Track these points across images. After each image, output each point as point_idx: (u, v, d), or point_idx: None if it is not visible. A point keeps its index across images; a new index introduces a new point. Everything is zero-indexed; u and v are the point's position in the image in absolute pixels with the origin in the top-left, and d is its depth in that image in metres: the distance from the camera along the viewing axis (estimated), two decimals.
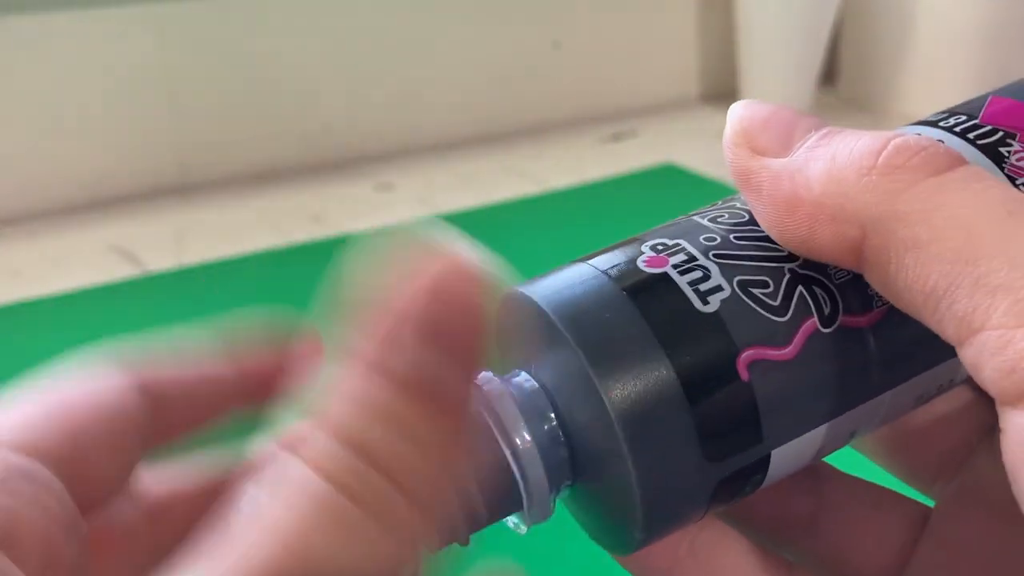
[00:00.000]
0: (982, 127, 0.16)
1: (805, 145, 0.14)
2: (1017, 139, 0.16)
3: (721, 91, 0.94)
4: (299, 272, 0.56)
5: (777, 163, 0.14)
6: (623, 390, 0.14)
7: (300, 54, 0.71)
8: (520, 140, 0.81)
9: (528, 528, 0.16)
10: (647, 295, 0.14)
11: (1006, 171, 0.15)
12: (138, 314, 0.51)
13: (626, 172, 0.72)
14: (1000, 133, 0.16)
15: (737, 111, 0.15)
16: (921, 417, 0.19)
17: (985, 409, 0.18)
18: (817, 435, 0.15)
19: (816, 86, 0.86)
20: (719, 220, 0.16)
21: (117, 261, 0.59)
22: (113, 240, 0.62)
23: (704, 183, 0.70)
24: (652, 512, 0.15)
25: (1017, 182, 0.15)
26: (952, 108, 0.17)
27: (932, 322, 0.13)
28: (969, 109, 0.17)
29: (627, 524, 0.15)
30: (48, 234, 0.63)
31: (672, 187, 0.70)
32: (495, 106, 0.81)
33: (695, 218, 0.16)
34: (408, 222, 0.63)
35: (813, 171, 0.13)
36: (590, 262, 0.15)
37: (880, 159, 0.13)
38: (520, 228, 0.61)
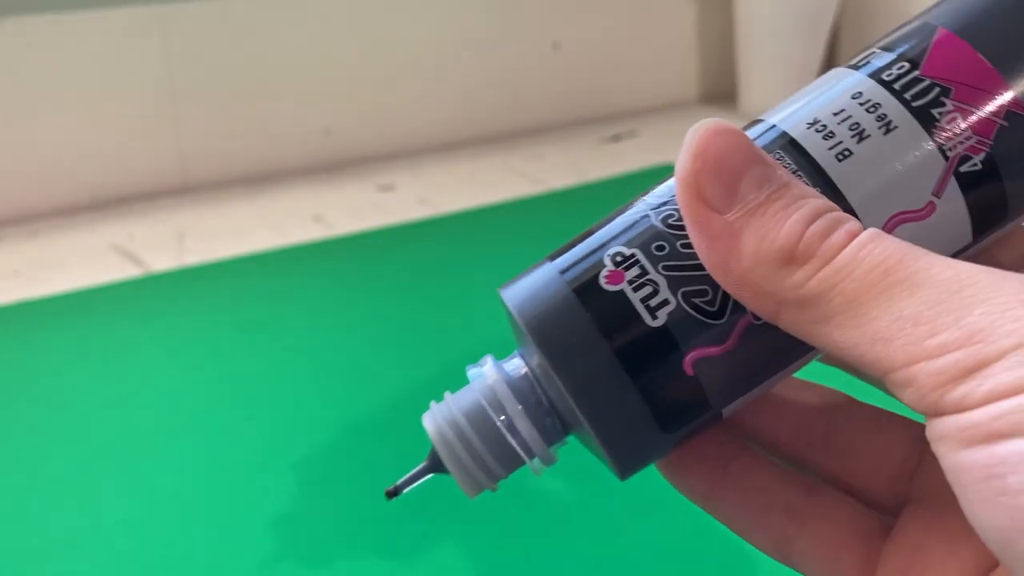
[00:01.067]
0: (921, 82, 0.17)
1: (746, 209, 0.16)
2: (952, 95, 0.17)
3: (720, 92, 0.94)
4: (300, 272, 0.56)
5: (717, 223, 0.16)
6: (588, 393, 0.17)
7: (302, 56, 0.71)
8: (520, 141, 0.81)
9: (542, 471, 0.20)
10: (607, 314, 0.17)
11: (935, 138, 0.17)
12: (140, 314, 0.51)
13: (625, 172, 0.72)
14: (936, 90, 0.17)
15: (693, 145, 0.16)
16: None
17: None
18: (760, 390, 0.18)
19: None
20: (670, 220, 0.18)
21: (119, 261, 0.59)
22: (115, 240, 0.62)
23: None
24: (624, 467, 0.18)
25: (946, 149, 0.17)
26: (903, 32, 0.19)
27: (851, 368, 0.16)
28: (914, 50, 0.18)
29: (607, 462, 0.18)
30: (50, 234, 0.63)
31: None
32: (495, 107, 0.81)
33: (651, 215, 0.18)
34: (409, 222, 0.63)
35: (745, 245, 0.16)
36: (560, 270, 0.18)
37: (798, 250, 0.15)
38: (520, 228, 0.62)
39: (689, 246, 0.17)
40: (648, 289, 0.17)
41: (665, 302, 0.17)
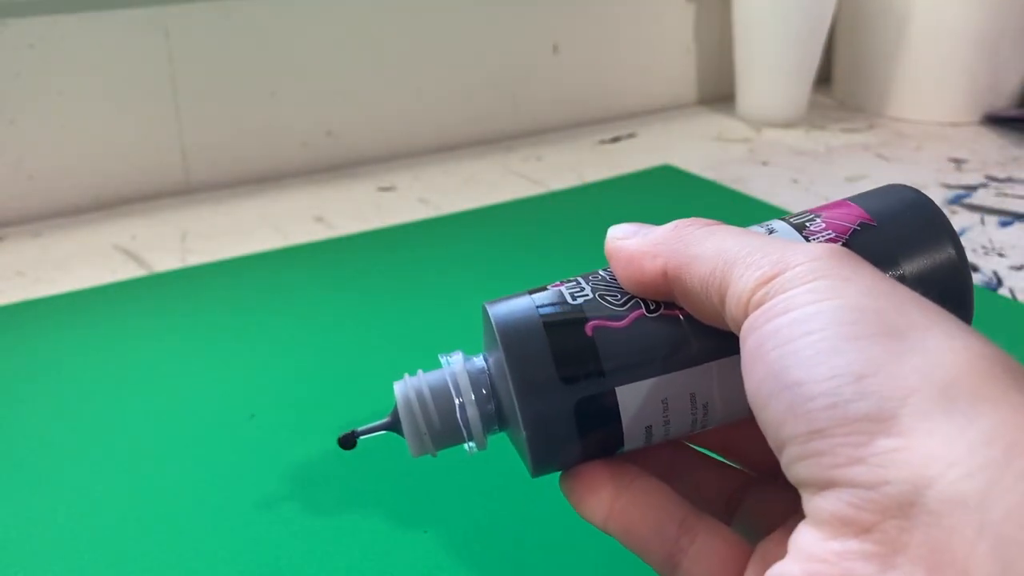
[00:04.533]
0: (804, 214, 0.25)
1: (640, 234, 0.24)
2: (820, 218, 0.25)
3: (718, 95, 0.95)
4: (302, 272, 0.57)
5: (622, 245, 0.24)
6: (510, 340, 0.23)
7: (303, 57, 0.72)
8: (520, 142, 0.82)
9: (474, 452, 0.25)
10: (545, 302, 0.24)
11: (804, 234, 0.24)
12: (143, 314, 0.52)
13: (624, 174, 0.73)
14: (811, 215, 0.25)
15: (611, 229, 0.25)
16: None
17: None
18: (655, 386, 0.23)
19: (811, 90, 0.87)
20: (609, 274, 0.25)
21: (122, 261, 0.59)
22: (118, 241, 0.62)
23: (700, 183, 0.70)
24: (535, 433, 0.23)
25: (810, 239, 0.24)
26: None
27: (710, 303, 0.21)
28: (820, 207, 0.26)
29: (525, 450, 0.23)
30: (53, 235, 0.63)
31: (669, 188, 0.70)
32: (495, 109, 0.82)
33: (600, 273, 0.25)
34: (410, 223, 0.63)
35: (644, 240, 0.23)
36: (532, 296, 0.24)
37: (675, 224, 0.23)
38: (520, 229, 0.62)
39: (614, 279, 0.24)
40: (576, 289, 0.24)
41: (584, 293, 0.24)
